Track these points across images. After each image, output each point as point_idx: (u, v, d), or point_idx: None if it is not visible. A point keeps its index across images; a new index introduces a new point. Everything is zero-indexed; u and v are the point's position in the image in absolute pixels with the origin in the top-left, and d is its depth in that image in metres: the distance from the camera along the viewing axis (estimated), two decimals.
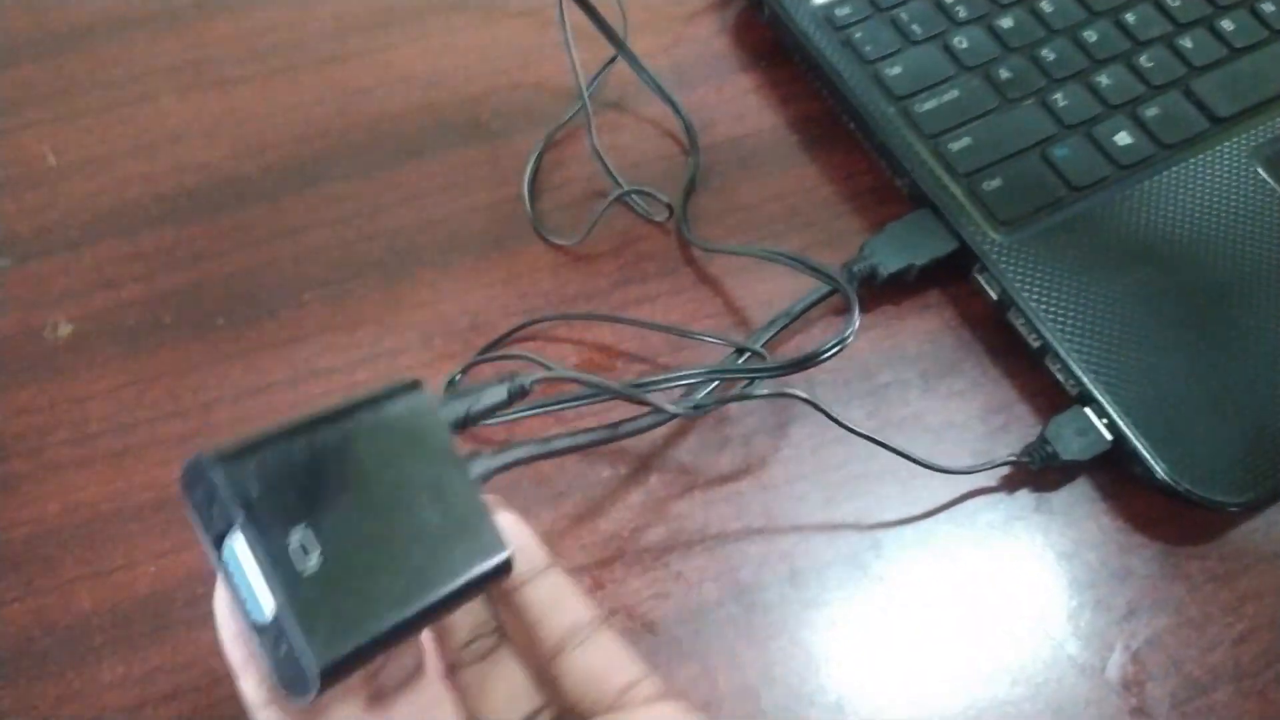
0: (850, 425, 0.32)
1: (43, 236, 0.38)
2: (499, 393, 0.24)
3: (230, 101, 0.42)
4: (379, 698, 0.22)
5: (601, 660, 0.23)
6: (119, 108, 0.42)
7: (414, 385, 0.22)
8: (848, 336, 0.31)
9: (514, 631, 0.24)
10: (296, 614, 0.18)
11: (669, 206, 0.37)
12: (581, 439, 0.28)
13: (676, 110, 0.40)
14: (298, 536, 0.19)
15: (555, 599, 0.23)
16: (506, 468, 0.24)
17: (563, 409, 0.31)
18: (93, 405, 0.35)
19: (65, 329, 0.36)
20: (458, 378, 0.35)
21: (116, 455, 0.34)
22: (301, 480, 0.19)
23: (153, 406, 0.35)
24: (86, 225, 0.39)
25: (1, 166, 0.40)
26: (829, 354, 0.31)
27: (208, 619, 0.31)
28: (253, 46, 0.43)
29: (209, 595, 0.31)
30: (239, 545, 0.19)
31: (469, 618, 0.25)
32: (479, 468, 0.23)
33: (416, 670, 0.23)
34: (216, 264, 0.38)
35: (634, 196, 0.38)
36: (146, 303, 0.37)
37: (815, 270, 0.34)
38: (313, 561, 0.19)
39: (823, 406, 0.31)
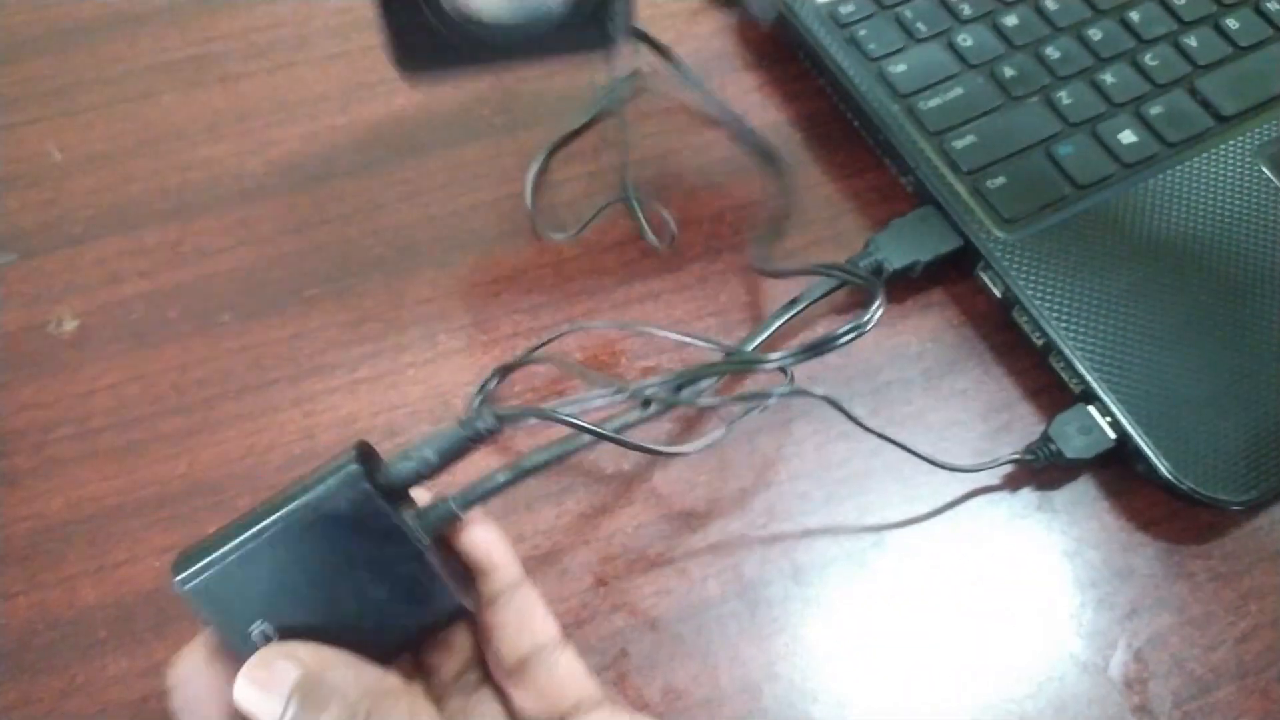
0: (865, 424, 0.32)
1: (47, 232, 0.38)
2: (454, 439, 0.23)
3: (234, 98, 0.42)
4: None
5: (558, 680, 0.24)
6: (123, 104, 0.42)
7: (348, 465, 0.22)
8: (866, 323, 0.31)
9: (484, 644, 0.25)
10: None
11: (673, 235, 0.37)
12: (549, 454, 0.27)
13: (741, 128, 0.40)
14: (258, 629, 0.22)
15: (521, 619, 0.24)
16: (462, 512, 0.24)
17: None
18: (96, 400, 0.35)
19: (70, 324, 0.36)
20: (492, 383, 0.34)
21: (120, 450, 0.34)
22: (255, 583, 0.22)
23: (157, 402, 0.35)
24: (91, 221, 0.39)
25: (6, 162, 0.40)
26: (845, 340, 0.31)
27: None
28: (256, 43, 0.43)
29: None
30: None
31: (460, 655, 0.25)
32: (437, 514, 0.24)
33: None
34: (220, 260, 0.38)
35: (633, 203, 0.38)
36: (151, 298, 0.37)
37: (847, 273, 0.34)
38: (273, 638, 0.22)
39: (843, 406, 0.31)
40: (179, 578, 0.22)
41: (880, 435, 0.32)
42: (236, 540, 0.22)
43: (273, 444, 0.34)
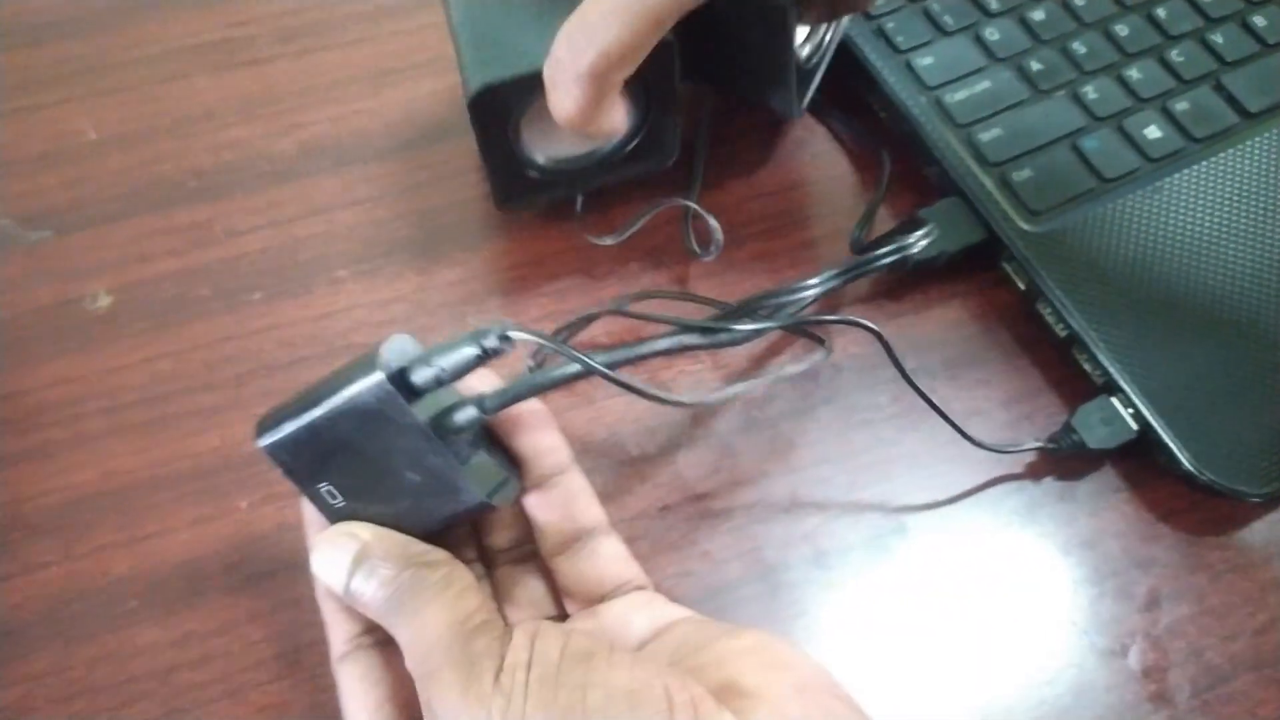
0: (908, 373, 0.32)
1: (81, 209, 0.39)
2: (469, 354, 0.25)
3: (263, 81, 0.42)
4: None
5: (600, 563, 0.27)
6: (155, 84, 0.42)
7: (371, 365, 0.24)
8: (911, 244, 0.33)
9: (533, 524, 0.28)
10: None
11: (719, 245, 0.37)
12: (566, 371, 0.27)
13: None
14: (324, 488, 0.26)
15: (566, 503, 0.27)
16: (495, 410, 0.25)
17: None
18: (129, 375, 0.35)
19: (103, 300, 0.37)
20: (530, 366, 0.35)
21: (152, 425, 0.34)
22: (315, 452, 0.25)
23: (187, 378, 0.35)
24: (124, 199, 0.39)
25: (41, 141, 0.41)
26: (888, 259, 0.33)
27: (241, 586, 0.32)
28: (286, 26, 0.44)
29: (241, 563, 0.32)
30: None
31: (511, 530, 0.29)
32: (462, 416, 0.25)
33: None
34: (251, 239, 0.38)
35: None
36: (182, 276, 0.37)
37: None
38: (338, 503, 0.26)
39: (886, 339, 0.32)
40: (259, 440, 0.25)
41: (918, 390, 0.32)
42: (297, 417, 0.25)
43: None
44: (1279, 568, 0.32)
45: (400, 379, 0.24)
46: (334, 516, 0.26)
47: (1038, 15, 0.40)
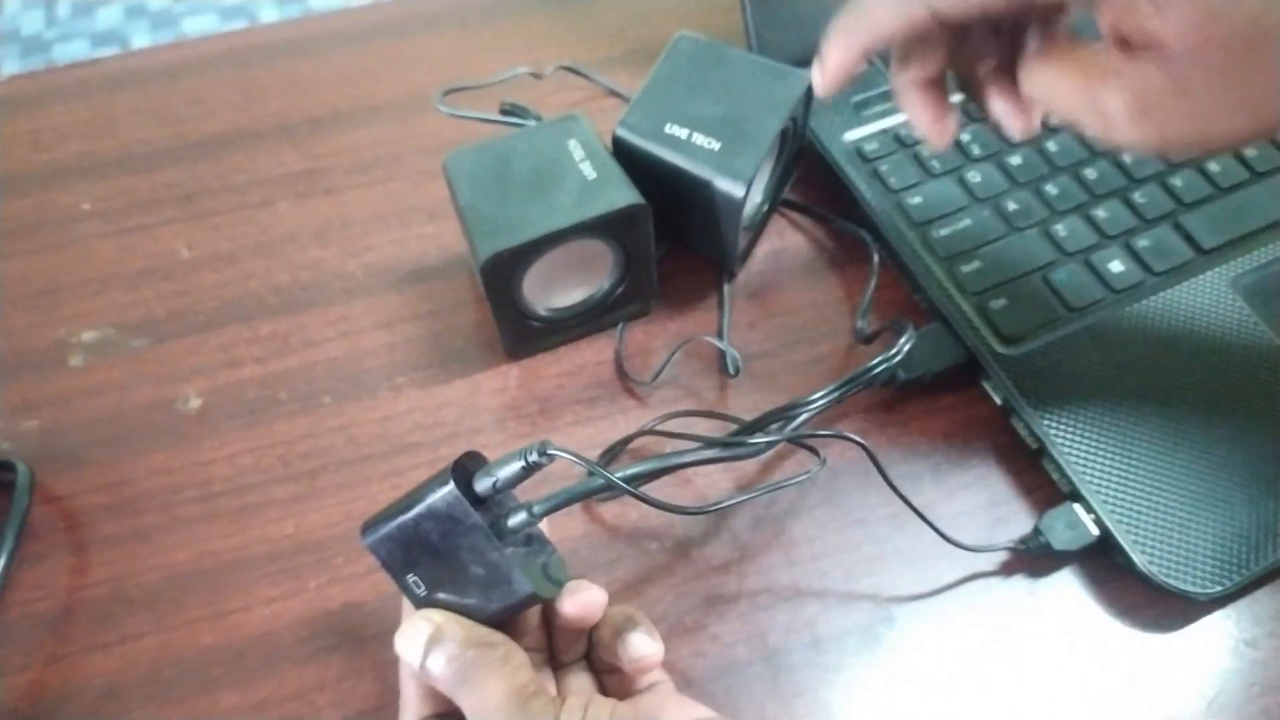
0: (893, 482, 0.37)
1: (176, 320, 0.45)
2: (516, 466, 0.30)
3: (338, 207, 0.48)
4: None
5: (634, 647, 0.31)
6: (243, 210, 0.48)
7: (446, 477, 0.30)
8: (895, 354, 0.39)
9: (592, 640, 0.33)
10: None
11: (736, 365, 0.42)
12: (599, 485, 0.32)
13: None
14: (412, 578, 0.31)
15: (619, 638, 0.32)
16: (542, 515, 0.31)
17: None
18: (216, 468, 0.41)
19: (194, 402, 0.43)
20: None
21: (236, 512, 0.40)
22: (404, 548, 0.30)
23: (267, 471, 0.41)
24: (213, 311, 0.45)
25: (143, 258, 0.47)
26: (880, 370, 0.38)
27: (311, 657, 0.37)
28: (359, 159, 0.50)
29: (311, 636, 0.37)
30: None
31: (577, 644, 0.33)
32: (516, 519, 0.31)
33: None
34: (324, 349, 0.44)
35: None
36: (264, 381, 0.43)
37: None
38: (422, 591, 0.31)
39: (873, 453, 0.36)
40: (364, 538, 0.31)
41: (902, 497, 0.37)
42: (390, 520, 0.30)
43: (366, 510, 0.38)
44: (1226, 660, 0.36)
45: (466, 488, 0.30)
46: (418, 603, 0.31)
47: (1015, 160, 0.45)
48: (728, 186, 0.39)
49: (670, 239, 0.46)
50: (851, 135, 0.47)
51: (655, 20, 0.55)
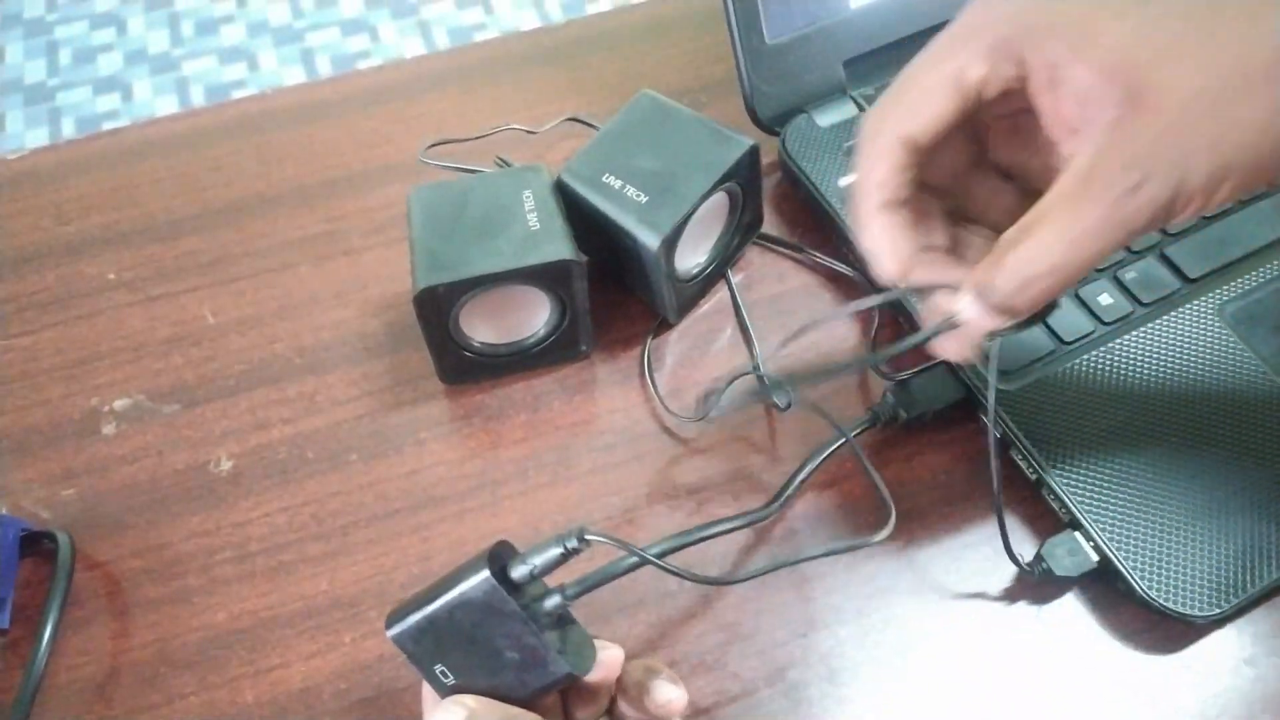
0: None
1: (205, 385, 0.47)
2: (554, 552, 0.31)
3: (357, 268, 0.50)
4: None
5: (661, 694, 0.33)
6: (265, 274, 0.50)
7: (481, 569, 0.30)
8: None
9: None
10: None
11: (789, 397, 0.44)
12: (630, 563, 0.34)
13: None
14: (439, 668, 0.31)
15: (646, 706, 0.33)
16: (574, 598, 0.32)
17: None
18: (251, 528, 0.42)
19: (226, 464, 0.44)
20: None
21: (272, 570, 0.41)
22: (433, 639, 0.31)
23: (300, 529, 0.42)
24: (241, 375, 0.47)
25: (170, 325, 0.49)
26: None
27: (348, 709, 0.38)
28: (374, 220, 0.52)
29: (349, 690, 0.39)
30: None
31: (597, 706, 0.34)
32: (550, 603, 0.32)
33: None
34: (350, 408, 0.46)
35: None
36: (293, 441, 0.45)
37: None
38: (450, 680, 0.31)
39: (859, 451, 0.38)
40: (389, 630, 0.31)
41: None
42: (418, 610, 0.31)
43: (397, 564, 0.41)
44: (1226, 679, 0.37)
45: (502, 575, 0.31)
46: (445, 693, 0.31)
47: None
48: (646, 238, 0.42)
49: (624, 286, 0.48)
50: (845, 180, 0.48)
51: (654, 73, 0.57)
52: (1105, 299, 0.44)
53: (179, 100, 1.76)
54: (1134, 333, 0.43)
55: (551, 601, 0.32)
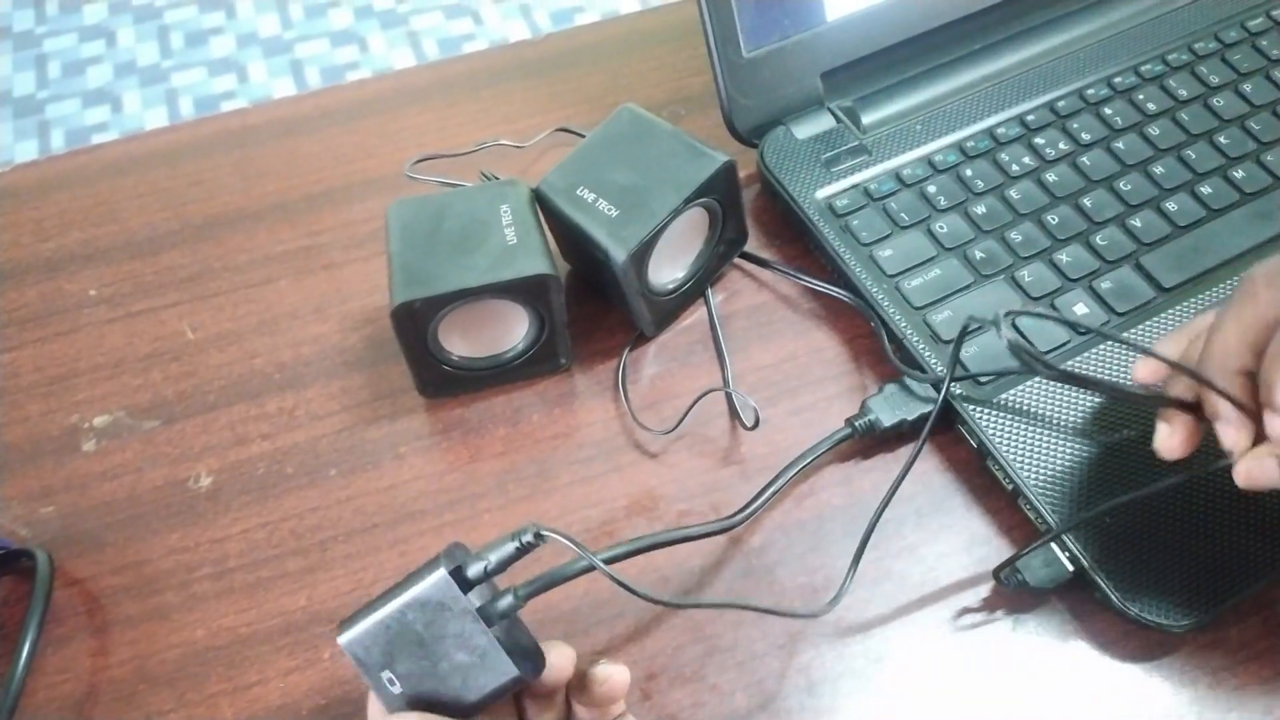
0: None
1: (185, 401, 0.47)
2: (510, 548, 0.32)
3: (336, 283, 0.50)
4: None
5: (601, 671, 0.33)
6: (245, 289, 0.50)
7: (436, 564, 0.31)
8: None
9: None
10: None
11: (757, 419, 0.44)
12: (581, 566, 0.34)
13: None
14: (386, 675, 0.31)
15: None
16: (526, 598, 0.32)
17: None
18: (230, 544, 0.42)
19: (206, 480, 0.44)
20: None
21: (251, 587, 0.41)
22: (383, 643, 0.31)
23: (279, 545, 0.42)
24: (221, 390, 0.47)
25: (150, 340, 0.49)
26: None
27: None
28: (354, 234, 0.52)
29: (328, 706, 0.39)
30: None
31: (554, 711, 0.34)
32: (503, 603, 0.32)
33: None
34: (329, 423, 0.46)
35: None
36: (272, 457, 0.45)
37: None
38: (397, 689, 0.31)
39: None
40: (340, 637, 0.31)
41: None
42: (370, 615, 0.31)
43: (376, 579, 0.41)
44: (1201, 689, 0.37)
45: (458, 574, 0.31)
46: (390, 701, 0.31)
47: (979, 209, 0.47)
48: (615, 251, 0.42)
49: (607, 299, 0.48)
50: (823, 192, 0.49)
51: (635, 86, 0.58)
52: (1081, 308, 0.44)
53: (169, 112, 1.76)
54: (1110, 342, 0.44)
55: (504, 602, 0.31)
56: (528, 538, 0.31)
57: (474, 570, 0.31)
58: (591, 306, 0.48)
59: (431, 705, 0.31)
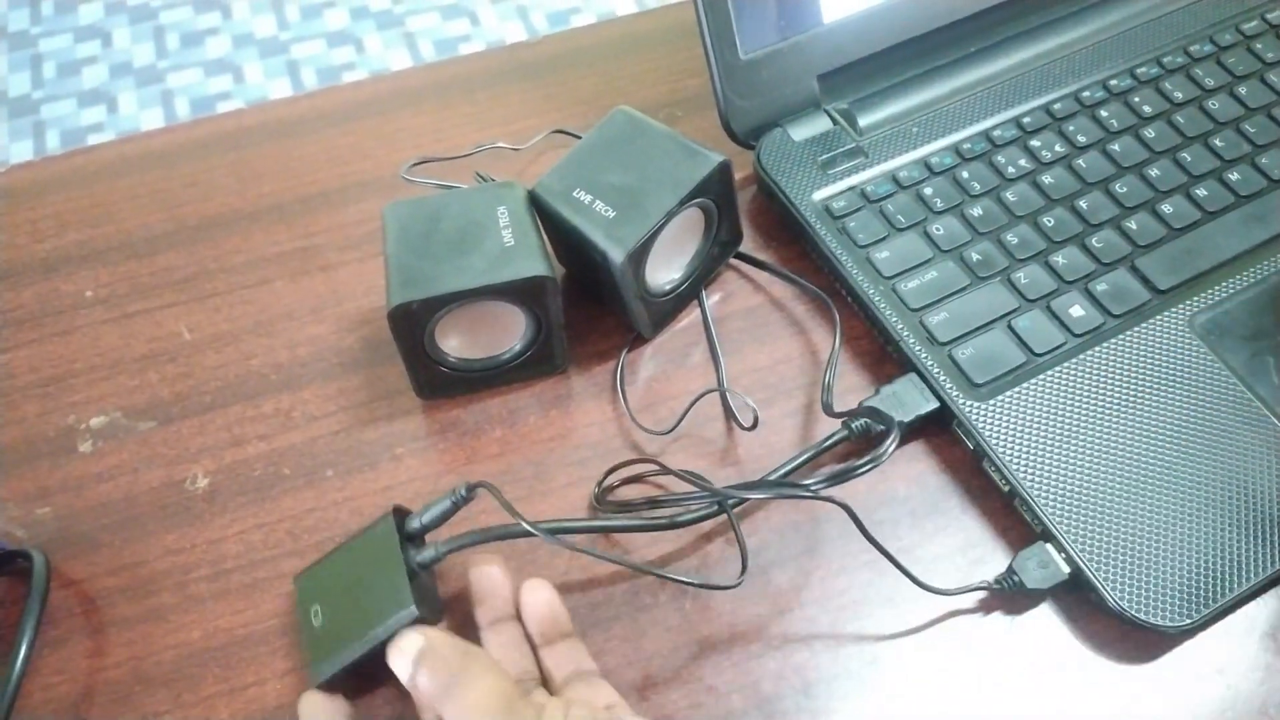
0: (873, 539, 0.39)
1: (181, 402, 0.47)
2: (445, 504, 0.38)
3: (332, 284, 0.50)
4: None
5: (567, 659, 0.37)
6: (241, 290, 0.50)
7: (388, 520, 0.38)
8: (882, 455, 0.39)
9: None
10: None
11: (755, 414, 0.45)
12: (511, 529, 0.38)
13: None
14: (315, 608, 0.38)
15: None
16: (447, 552, 0.37)
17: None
18: (227, 545, 0.42)
19: (202, 481, 0.44)
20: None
21: (248, 588, 0.41)
22: (327, 579, 0.39)
23: (276, 546, 0.42)
24: (217, 391, 0.47)
25: (146, 341, 0.49)
26: (864, 470, 0.39)
27: None
28: (350, 235, 0.52)
29: None
30: None
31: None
32: (428, 554, 0.37)
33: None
34: (326, 424, 0.46)
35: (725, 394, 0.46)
36: (269, 457, 0.45)
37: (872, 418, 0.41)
38: (319, 621, 0.38)
39: (855, 515, 0.38)
40: (295, 581, 0.39)
41: (880, 549, 0.39)
42: (324, 561, 0.39)
43: None
44: (1199, 689, 0.38)
45: (400, 525, 0.37)
46: (310, 634, 0.37)
47: (975, 211, 0.48)
48: (613, 252, 0.42)
49: (602, 302, 0.49)
50: (820, 194, 0.49)
51: (631, 88, 0.58)
52: (1076, 311, 0.45)
53: (164, 113, 1.75)
54: (1105, 344, 0.44)
55: (427, 553, 0.37)
56: (461, 493, 0.37)
57: (414, 523, 0.37)
58: (588, 309, 0.48)
59: (339, 638, 0.36)
